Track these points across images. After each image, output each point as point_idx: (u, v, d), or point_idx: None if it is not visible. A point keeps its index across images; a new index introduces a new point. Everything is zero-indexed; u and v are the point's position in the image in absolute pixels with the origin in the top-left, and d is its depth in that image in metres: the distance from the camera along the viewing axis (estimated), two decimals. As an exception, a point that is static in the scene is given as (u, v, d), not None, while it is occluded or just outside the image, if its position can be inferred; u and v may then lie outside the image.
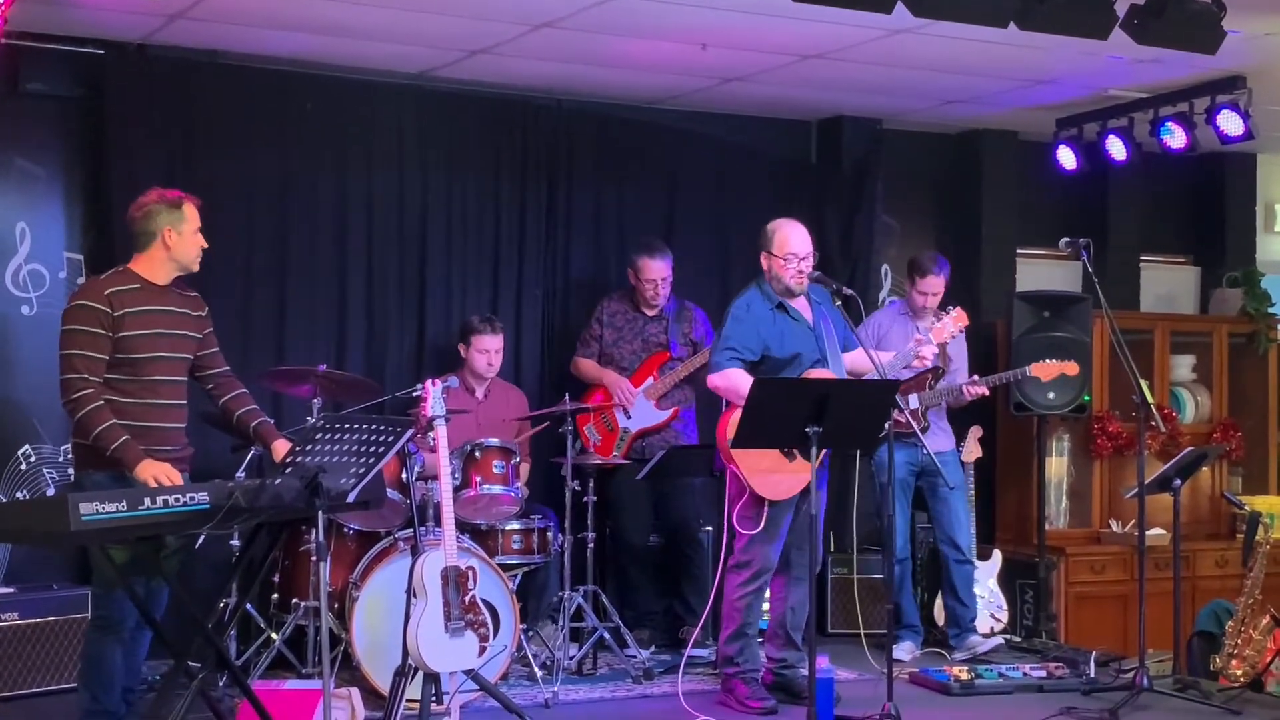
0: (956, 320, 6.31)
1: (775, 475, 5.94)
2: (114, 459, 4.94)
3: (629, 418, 7.28)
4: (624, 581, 7.51)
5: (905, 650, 7.19)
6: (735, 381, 5.96)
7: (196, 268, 5.27)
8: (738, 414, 5.86)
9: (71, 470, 5.59)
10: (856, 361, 6.17)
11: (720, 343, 6.14)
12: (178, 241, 5.18)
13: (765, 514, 6.00)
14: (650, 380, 7.30)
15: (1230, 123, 7.48)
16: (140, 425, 5.05)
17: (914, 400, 7.11)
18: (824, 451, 6.08)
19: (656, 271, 7.28)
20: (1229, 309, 9.40)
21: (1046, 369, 7.18)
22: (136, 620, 5.19)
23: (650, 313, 7.39)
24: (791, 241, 6.10)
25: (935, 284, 7.21)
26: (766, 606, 6.54)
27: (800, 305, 6.17)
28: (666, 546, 7.48)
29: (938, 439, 7.25)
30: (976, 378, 7.22)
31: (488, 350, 7.03)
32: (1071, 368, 7.24)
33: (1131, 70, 7.30)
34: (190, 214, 5.21)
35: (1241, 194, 9.72)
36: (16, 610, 6.16)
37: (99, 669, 5.21)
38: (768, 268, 6.15)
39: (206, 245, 5.27)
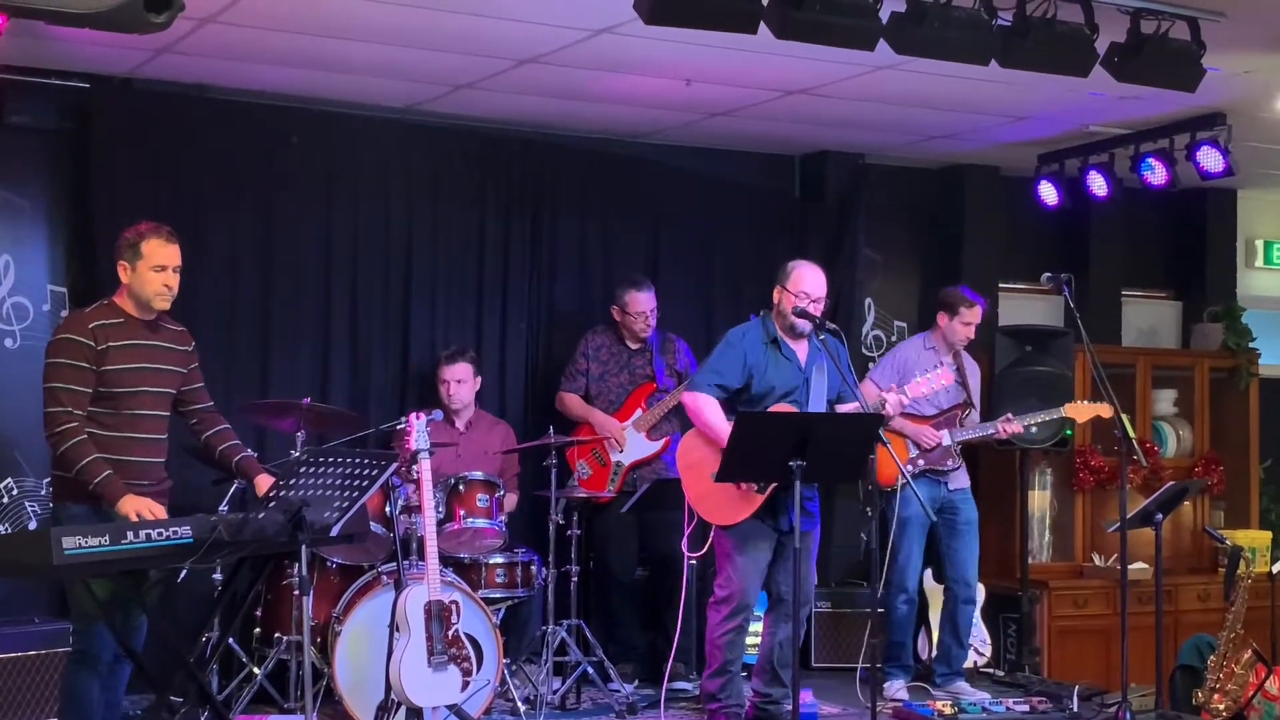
0: (940, 377, 6.30)
1: (717, 500, 5.98)
2: (96, 494, 4.92)
3: (621, 451, 7.29)
4: (608, 615, 7.49)
5: (896, 689, 7.14)
6: (704, 408, 6.04)
7: (159, 305, 5.16)
8: (692, 437, 6.09)
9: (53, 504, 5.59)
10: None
11: (707, 364, 6.21)
12: (132, 278, 5.12)
13: (717, 538, 6.03)
14: (639, 412, 7.32)
15: (1210, 159, 7.53)
16: (120, 459, 5.02)
17: (946, 436, 7.10)
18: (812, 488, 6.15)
19: (644, 304, 7.31)
20: (1210, 344, 9.45)
21: (1080, 410, 7.11)
22: (115, 654, 5.16)
23: (634, 345, 7.41)
24: (806, 281, 6.13)
25: (980, 313, 7.22)
26: (755, 641, 6.55)
27: (799, 347, 6.19)
28: (652, 580, 7.47)
29: (958, 476, 7.25)
30: (1010, 416, 7.15)
31: (447, 380, 7.04)
32: (1105, 409, 7.22)
33: (1112, 107, 7.35)
34: (150, 251, 5.10)
35: (1222, 229, 9.78)
36: (-2, 644, 6.14)
37: (77, 703, 5.17)
38: (778, 301, 6.18)
39: (171, 286, 5.14)
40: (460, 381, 7.05)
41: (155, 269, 5.12)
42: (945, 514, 7.21)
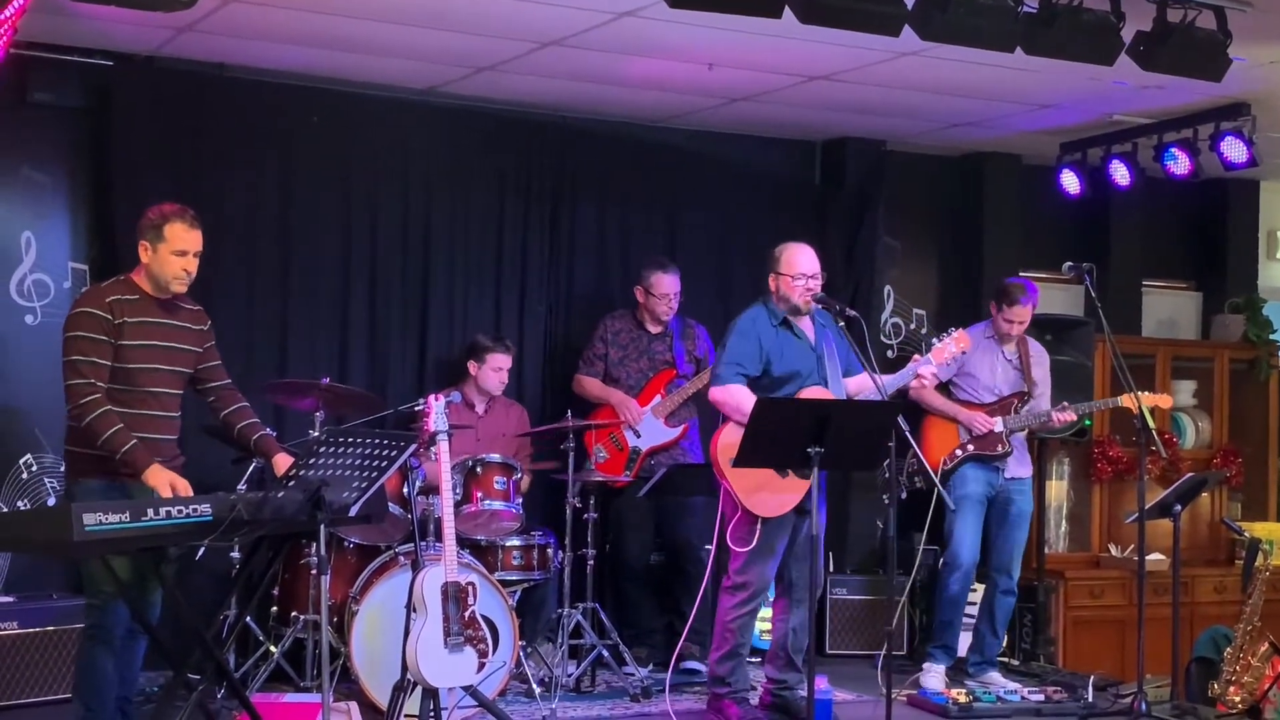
0: (958, 341, 6.27)
1: (766, 492, 5.94)
2: (123, 463, 4.94)
3: (639, 436, 7.29)
4: (624, 599, 7.51)
5: (935, 675, 7.07)
6: (737, 397, 5.97)
7: (175, 288, 5.17)
8: (732, 430, 5.94)
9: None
10: (861, 385, 6.19)
11: (724, 356, 6.13)
12: (151, 259, 5.14)
13: (759, 532, 5.99)
14: (658, 398, 7.31)
15: (1234, 149, 7.49)
16: (132, 435, 5.04)
17: (999, 424, 7.09)
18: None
19: (669, 286, 7.30)
20: (1230, 335, 9.41)
21: (1135, 401, 7.07)
22: (127, 629, 5.19)
23: (655, 330, 7.40)
24: (800, 261, 6.13)
25: (1023, 313, 7.13)
26: (768, 627, 6.55)
27: (804, 325, 6.19)
28: (667, 565, 7.48)
29: (1016, 465, 7.22)
30: (1065, 404, 7.12)
31: (501, 369, 7.06)
32: (1165, 400, 7.17)
33: (1136, 96, 7.32)
34: (172, 235, 5.11)
35: (1244, 220, 9.73)
36: (15, 619, 6.15)
37: (91, 679, 5.19)
38: (775, 288, 6.17)
39: (190, 270, 5.16)
40: (509, 370, 7.10)
41: (176, 253, 5.13)
42: (998, 503, 7.20)
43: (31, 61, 6.70)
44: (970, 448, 7.09)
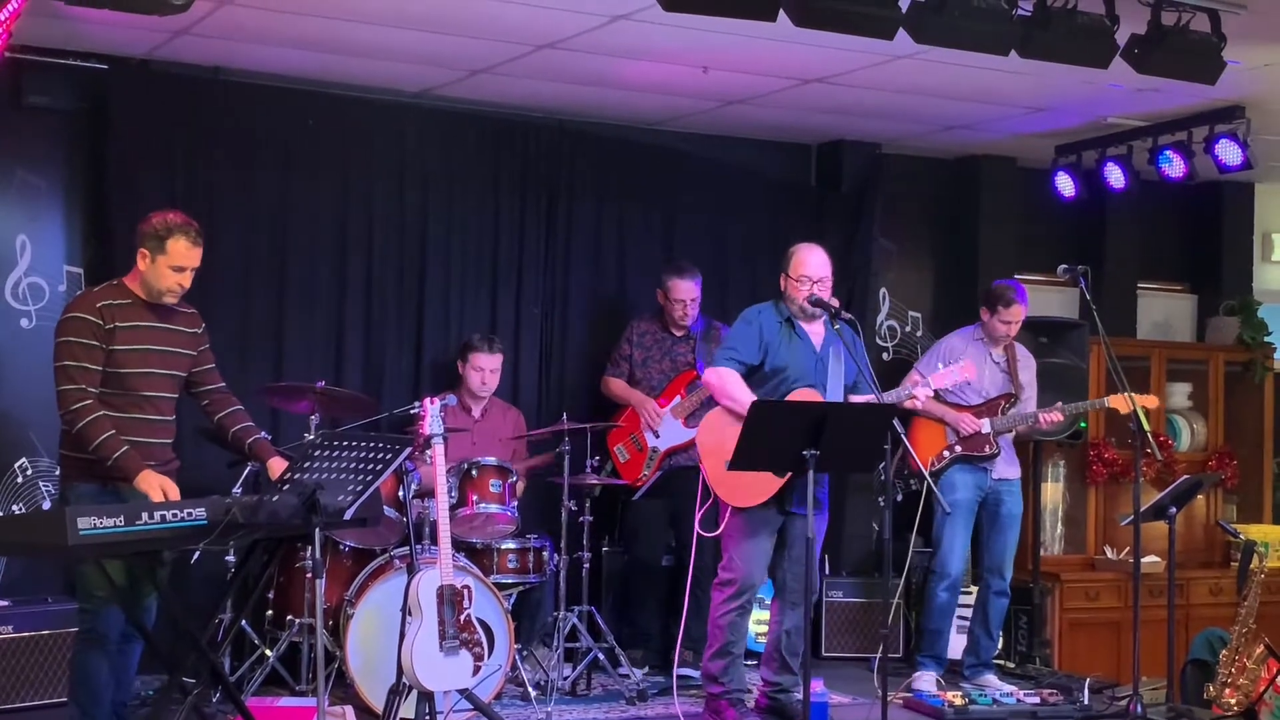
0: (963, 370, 6.35)
1: (738, 481, 5.96)
2: (115, 468, 4.93)
3: (658, 437, 7.29)
4: (628, 599, 7.51)
5: (927, 681, 7.09)
6: (726, 381, 6.06)
7: (167, 300, 5.18)
8: (716, 416, 6.05)
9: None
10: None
11: (724, 343, 6.23)
12: (149, 269, 5.13)
13: (727, 519, 6.02)
14: (678, 398, 7.31)
15: (1229, 152, 7.50)
16: (126, 440, 5.02)
17: (986, 425, 7.11)
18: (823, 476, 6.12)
19: (685, 291, 7.30)
20: (1225, 337, 9.43)
21: (1124, 401, 7.07)
22: (122, 632, 5.18)
23: (679, 333, 7.40)
24: (806, 264, 6.13)
25: (1019, 312, 7.17)
26: (763, 630, 6.55)
27: (813, 330, 6.19)
28: (675, 567, 7.47)
29: (1005, 466, 7.24)
30: (1060, 404, 7.15)
31: (483, 369, 7.05)
32: (1151, 401, 7.19)
33: (1131, 99, 7.33)
34: (174, 249, 5.10)
35: (1239, 223, 9.74)
36: (11, 624, 6.12)
37: (86, 683, 5.19)
38: (784, 288, 6.19)
39: (184, 285, 5.17)
40: (494, 371, 7.08)
41: (174, 268, 5.13)
42: (988, 504, 7.23)
43: (26, 65, 6.70)
44: (958, 449, 7.11)
